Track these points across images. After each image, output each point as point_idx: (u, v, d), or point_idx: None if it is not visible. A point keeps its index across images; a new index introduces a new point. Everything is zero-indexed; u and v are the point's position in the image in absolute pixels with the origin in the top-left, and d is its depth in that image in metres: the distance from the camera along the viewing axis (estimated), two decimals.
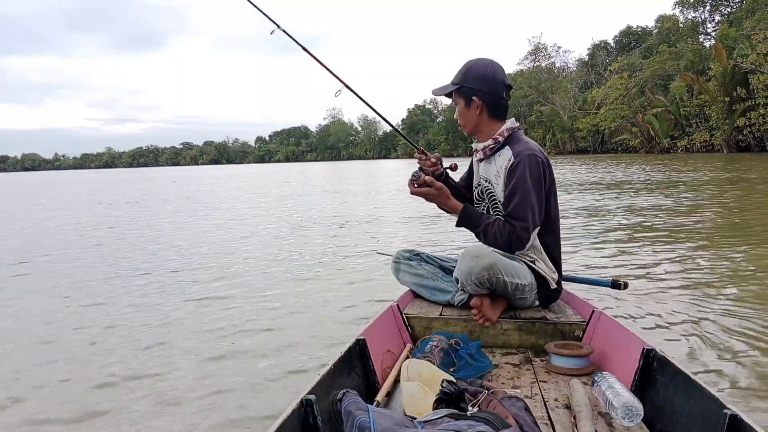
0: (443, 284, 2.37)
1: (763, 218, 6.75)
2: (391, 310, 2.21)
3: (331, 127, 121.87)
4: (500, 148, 2.24)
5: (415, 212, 8.53)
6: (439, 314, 2.26)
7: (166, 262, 5.33)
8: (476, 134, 2.32)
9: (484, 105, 2.24)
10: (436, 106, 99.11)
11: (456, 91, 2.29)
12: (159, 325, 3.26)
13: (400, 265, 2.53)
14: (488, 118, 2.26)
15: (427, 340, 1.98)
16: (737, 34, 32.96)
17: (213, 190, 19.29)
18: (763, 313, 3.03)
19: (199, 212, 10.74)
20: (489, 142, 2.25)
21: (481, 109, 2.24)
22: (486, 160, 2.31)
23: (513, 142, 2.23)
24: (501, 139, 2.23)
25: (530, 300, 2.24)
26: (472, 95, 2.24)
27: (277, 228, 7.45)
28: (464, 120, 2.31)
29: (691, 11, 45.14)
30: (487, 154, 2.28)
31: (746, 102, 31.17)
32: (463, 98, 2.27)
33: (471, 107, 2.25)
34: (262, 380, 2.39)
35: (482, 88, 2.22)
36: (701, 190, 10.52)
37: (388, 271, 2.64)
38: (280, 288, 4.02)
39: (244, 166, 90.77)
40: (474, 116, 2.26)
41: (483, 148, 2.28)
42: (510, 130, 2.24)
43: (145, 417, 2.12)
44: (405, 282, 2.54)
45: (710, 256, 4.60)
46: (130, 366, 2.64)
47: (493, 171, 2.26)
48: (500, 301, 2.21)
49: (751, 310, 3.10)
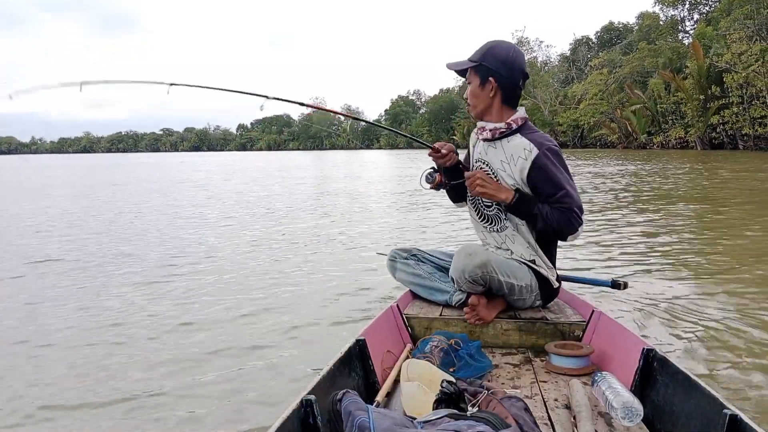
0: (441, 284, 2.36)
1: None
2: (391, 310, 2.20)
3: (314, 116, 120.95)
4: (511, 134, 2.19)
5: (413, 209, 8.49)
6: (439, 314, 2.26)
7: (153, 250, 5.25)
8: (484, 117, 2.25)
9: (499, 88, 2.18)
10: (420, 98, 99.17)
11: (473, 69, 2.21)
12: (156, 322, 3.24)
13: (396, 264, 2.50)
14: (500, 103, 2.20)
15: (427, 341, 1.98)
16: (714, 34, 33.54)
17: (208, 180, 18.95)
18: (764, 312, 3.06)
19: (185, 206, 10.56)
20: (501, 125, 2.19)
21: (495, 92, 2.18)
22: (491, 143, 2.24)
23: (526, 131, 2.18)
24: (514, 126, 2.18)
25: (530, 301, 2.24)
26: (488, 76, 2.17)
27: (277, 227, 7.32)
28: (475, 100, 2.23)
29: (671, 9, 45.77)
30: (495, 136, 2.21)
31: (720, 100, 31.74)
32: (478, 77, 2.19)
33: (485, 88, 2.19)
34: (262, 380, 2.38)
35: (501, 70, 2.16)
36: (700, 191, 10.65)
37: (388, 272, 2.62)
38: (279, 288, 3.98)
39: (227, 154, 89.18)
40: (487, 98, 2.20)
41: (493, 129, 2.20)
42: (523, 119, 2.20)
43: (145, 417, 2.10)
44: (401, 280, 2.51)
45: (710, 256, 4.64)
46: (130, 366, 2.62)
47: (499, 156, 2.20)
48: (498, 301, 2.21)
49: (752, 309, 3.12)
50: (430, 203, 9.22)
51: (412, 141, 2.71)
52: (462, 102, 74.44)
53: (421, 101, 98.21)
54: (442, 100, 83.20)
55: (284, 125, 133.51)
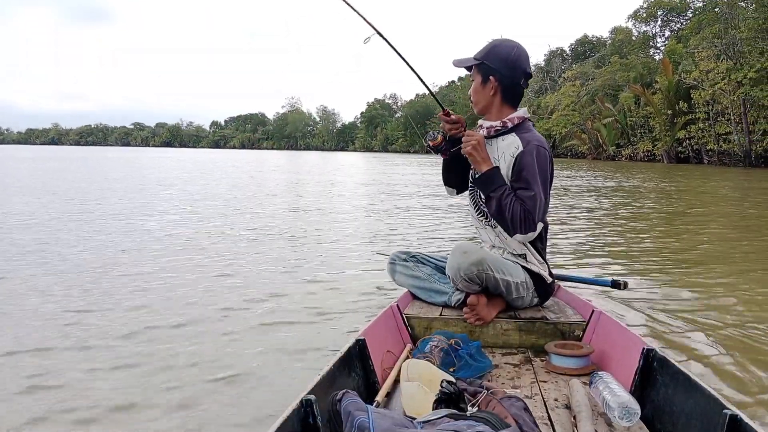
0: (440, 285, 2.36)
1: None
2: (391, 310, 2.19)
3: (289, 116, 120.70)
4: (506, 133, 2.22)
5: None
6: (439, 314, 2.25)
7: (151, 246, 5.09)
8: (485, 114, 2.29)
9: (500, 87, 2.21)
10: (396, 102, 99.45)
11: (476, 67, 2.25)
12: (158, 319, 3.19)
13: (395, 266, 2.50)
14: (501, 101, 2.24)
15: (427, 341, 1.97)
16: (683, 51, 34.58)
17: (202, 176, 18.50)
18: (764, 312, 3.09)
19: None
20: (497, 123, 2.23)
21: (495, 91, 2.22)
22: (488, 141, 2.27)
23: (521, 130, 2.21)
24: (510, 125, 2.21)
25: (528, 299, 2.25)
26: (489, 74, 2.21)
27: (273, 226, 7.20)
28: (477, 97, 2.27)
29: (643, 25, 47.02)
30: (491, 134, 2.25)
31: (687, 116, 32.81)
32: (480, 75, 2.24)
33: (486, 86, 2.23)
34: (261, 381, 2.35)
35: (502, 69, 2.19)
36: (698, 191, 10.86)
37: (388, 275, 2.61)
38: (279, 288, 3.93)
39: (202, 151, 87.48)
40: (488, 96, 2.24)
41: (489, 127, 2.25)
42: (521, 118, 2.23)
43: (143, 419, 2.05)
44: (401, 283, 2.51)
45: (710, 256, 4.72)
46: (129, 366, 2.55)
47: (493, 154, 2.23)
48: (497, 301, 2.22)
49: (752, 309, 3.15)
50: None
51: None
52: (437, 107, 75.06)
53: (398, 105, 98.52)
54: (418, 104, 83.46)
55: (258, 123, 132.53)
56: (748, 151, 29.89)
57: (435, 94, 2.64)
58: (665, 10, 45.05)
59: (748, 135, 29.55)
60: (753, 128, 29.29)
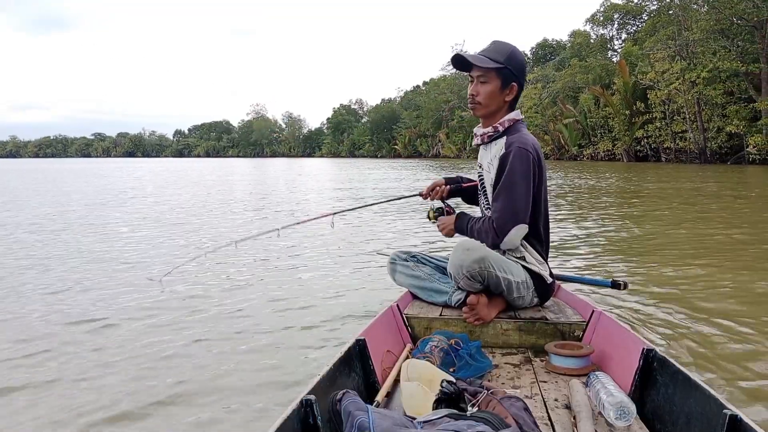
0: (440, 285, 2.35)
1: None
2: (391, 310, 2.18)
3: (255, 123, 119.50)
4: (498, 137, 2.24)
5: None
6: (439, 314, 2.25)
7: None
8: (489, 118, 2.27)
9: (515, 94, 2.23)
10: (362, 107, 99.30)
11: (495, 70, 2.18)
12: (154, 321, 3.16)
13: (396, 266, 2.50)
14: (508, 107, 2.25)
15: (427, 340, 1.97)
16: (639, 53, 35.60)
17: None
18: (764, 312, 3.12)
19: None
20: (489, 129, 2.25)
21: (512, 97, 2.23)
22: (485, 146, 2.31)
23: (511, 132, 2.21)
24: (501, 129, 2.23)
25: (528, 299, 2.25)
26: (512, 81, 2.20)
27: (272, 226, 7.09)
28: (489, 100, 2.21)
29: (600, 28, 48.15)
30: (484, 140, 2.28)
31: (644, 116, 33.81)
32: (500, 79, 2.19)
33: (504, 91, 2.21)
34: (261, 381, 2.33)
35: (521, 78, 2.21)
36: (695, 193, 10.99)
37: (389, 275, 2.61)
38: (278, 288, 3.89)
39: (166, 161, 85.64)
40: (503, 101, 2.23)
41: (483, 135, 2.27)
42: (512, 120, 2.23)
43: (142, 419, 2.04)
44: (401, 283, 2.51)
45: (710, 257, 4.75)
46: (126, 366, 2.53)
47: (487, 158, 2.26)
48: (497, 301, 2.22)
49: (752, 309, 3.18)
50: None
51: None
52: (403, 112, 76.20)
53: (363, 110, 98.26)
54: (384, 109, 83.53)
55: (223, 131, 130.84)
56: (704, 148, 30.91)
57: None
58: (621, 13, 46.17)
59: (703, 133, 30.58)
60: (707, 126, 30.34)
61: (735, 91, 29.07)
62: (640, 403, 1.61)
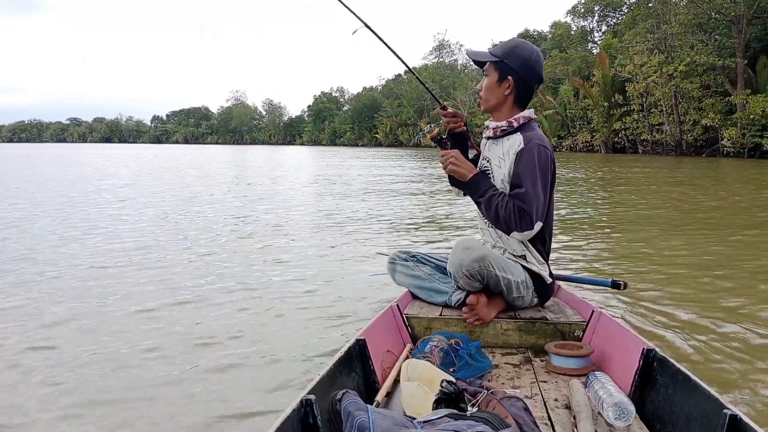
0: (440, 285, 2.34)
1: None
2: (391, 310, 2.17)
3: (234, 109, 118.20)
4: (512, 133, 2.23)
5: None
6: (439, 314, 2.24)
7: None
8: (495, 112, 2.28)
9: (515, 88, 2.21)
10: (343, 95, 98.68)
11: (493, 64, 2.23)
12: (155, 323, 3.10)
13: (395, 266, 2.49)
14: (512, 102, 2.24)
15: (427, 340, 1.96)
16: (619, 45, 35.95)
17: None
18: (764, 312, 3.14)
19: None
20: (503, 123, 2.24)
21: (510, 91, 2.22)
22: (494, 140, 2.30)
23: (525, 129, 2.21)
24: (516, 125, 2.22)
25: (528, 299, 2.25)
26: (508, 74, 2.20)
27: (271, 225, 6.95)
28: (489, 94, 2.26)
29: (581, 20, 48.47)
30: (497, 134, 2.26)
31: (623, 108, 34.28)
32: (498, 73, 2.22)
33: (502, 85, 2.22)
34: (261, 380, 2.31)
35: (521, 71, 2.19)
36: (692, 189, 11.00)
37: (389, 275, 2.59)
38: (278, 287, 3.84)
39: (144, 146, 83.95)
40: (501, 95, 2.23)
41: (495, 128, 2.26)
42: (527, 118, 2.23)
43: (142, 418, 2.03)
44: (401, 283, 2.50)
45: (710, 257, 4.77)
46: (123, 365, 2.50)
47: (498, 153, 2.24)
48: (497, 301, 2.21)
49: (752, 309, 3.20)
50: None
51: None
52: (384, 100, 75.70)
53: (345, 98, 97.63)
54: (365, 98, 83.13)
55: (202, 118, 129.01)
56: (680, 140, 31.48)
57: (428, 87, 2.69)
58: (602, 5, 46.44)
59: (679, 125, 31.13)
60: (684, 119, 30.90)
61: (711, 85, 29.60)
62: (640, 403, 1.61)
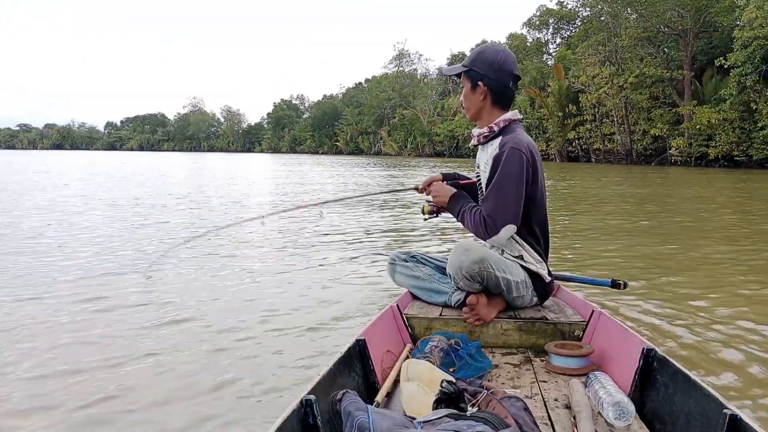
0: (440, 285, 2.34)
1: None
2: (391, 310, 2.16)
3: (191, 116, 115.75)
4: (494, 138, 2.24)
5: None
6: (439, 314, 2.23)
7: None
8: (477, 120, 2.31)
9: (489, 91, 2.23)
10: (303, 102, 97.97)
11: (465, 74, 2.28)
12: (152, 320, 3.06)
13: (395, 267, 2.48)
14: (491, 105, 2.25)
15: (427, 340, 1.95)
16: (572, 57, 37.08)
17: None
18: (764, 312, 3.18)
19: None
20: (485, 129, 2.26)
21: (485, 95, 2.24)
22: (482, 147, 2.33)
23: (506, 132, 2.21)
24: (496, 129, 2.23)
25: (528, 298, 2.25)
26: (478, 80, 2.22)
27: (271, 225, 6.81)
28: (468, 103, 2.29)
29: (536, 32, 49.82)
30: (481, 141, 2.29)
31: (576, 118, 35.37)
32: (469, 81, 2.26)
33: (476, 92, 2.25)
34: (261, 381, 2.26)
35: (489, 74, 2.20)
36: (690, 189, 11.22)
37: (389, 276, 2.58)
38: (277, 288, 3.77)
39: (99, 153, 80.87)
40: (478, 101, 2.25)
41: (478, 135, 2.29)
42: (507, 121, 2.24)
43: (143, 416, 2.01)
44: (401, 283, 2.49)
45: (710, 256, 4.84)
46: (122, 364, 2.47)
47: (483, 159, 2.28)
48: (497, 301, 2.21)
49: (752, 308, 3.23)
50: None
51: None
52: (345, 108, 75.52)
53: (305, 106, 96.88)
54: (325, 105, 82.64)
55: (158, 124, 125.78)
56: (630, 150, 32.67)
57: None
58: (556, 18, 47.92)
59: (630, 135, 32.32)
60: (634, 129, 32.15)
61: (660, 96, 30.90)
62: (640, 403, 1.62)
